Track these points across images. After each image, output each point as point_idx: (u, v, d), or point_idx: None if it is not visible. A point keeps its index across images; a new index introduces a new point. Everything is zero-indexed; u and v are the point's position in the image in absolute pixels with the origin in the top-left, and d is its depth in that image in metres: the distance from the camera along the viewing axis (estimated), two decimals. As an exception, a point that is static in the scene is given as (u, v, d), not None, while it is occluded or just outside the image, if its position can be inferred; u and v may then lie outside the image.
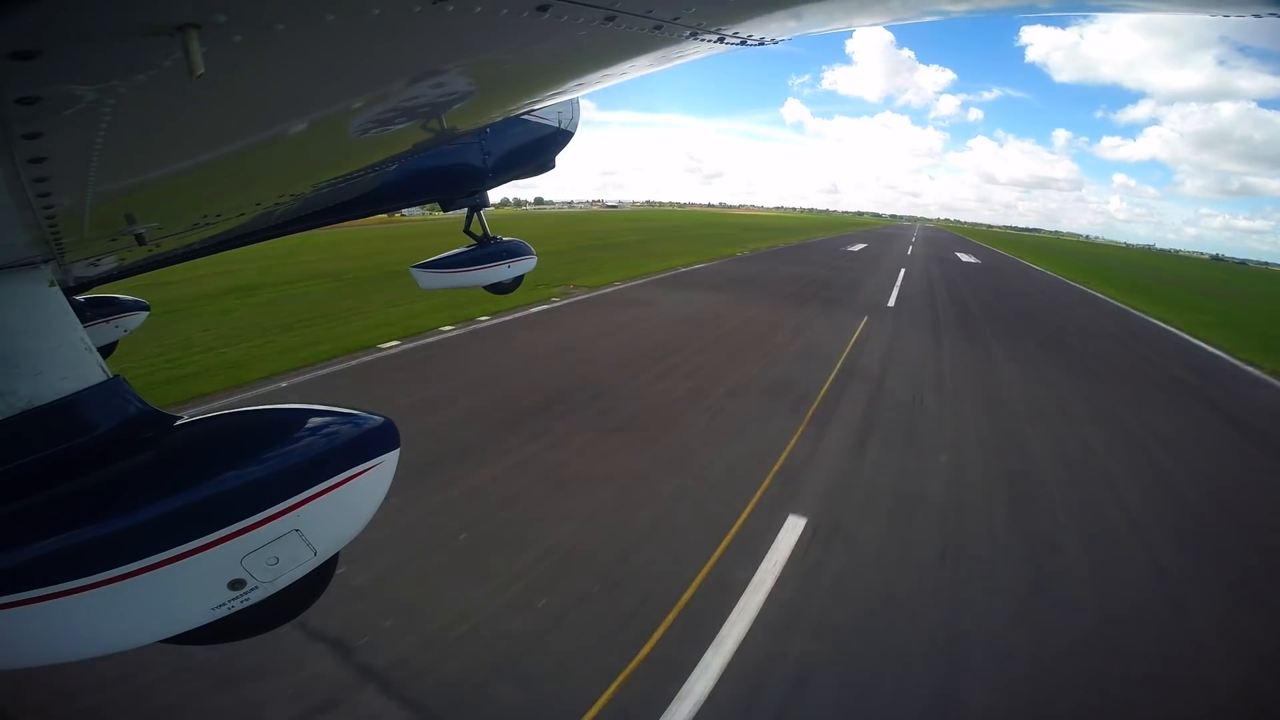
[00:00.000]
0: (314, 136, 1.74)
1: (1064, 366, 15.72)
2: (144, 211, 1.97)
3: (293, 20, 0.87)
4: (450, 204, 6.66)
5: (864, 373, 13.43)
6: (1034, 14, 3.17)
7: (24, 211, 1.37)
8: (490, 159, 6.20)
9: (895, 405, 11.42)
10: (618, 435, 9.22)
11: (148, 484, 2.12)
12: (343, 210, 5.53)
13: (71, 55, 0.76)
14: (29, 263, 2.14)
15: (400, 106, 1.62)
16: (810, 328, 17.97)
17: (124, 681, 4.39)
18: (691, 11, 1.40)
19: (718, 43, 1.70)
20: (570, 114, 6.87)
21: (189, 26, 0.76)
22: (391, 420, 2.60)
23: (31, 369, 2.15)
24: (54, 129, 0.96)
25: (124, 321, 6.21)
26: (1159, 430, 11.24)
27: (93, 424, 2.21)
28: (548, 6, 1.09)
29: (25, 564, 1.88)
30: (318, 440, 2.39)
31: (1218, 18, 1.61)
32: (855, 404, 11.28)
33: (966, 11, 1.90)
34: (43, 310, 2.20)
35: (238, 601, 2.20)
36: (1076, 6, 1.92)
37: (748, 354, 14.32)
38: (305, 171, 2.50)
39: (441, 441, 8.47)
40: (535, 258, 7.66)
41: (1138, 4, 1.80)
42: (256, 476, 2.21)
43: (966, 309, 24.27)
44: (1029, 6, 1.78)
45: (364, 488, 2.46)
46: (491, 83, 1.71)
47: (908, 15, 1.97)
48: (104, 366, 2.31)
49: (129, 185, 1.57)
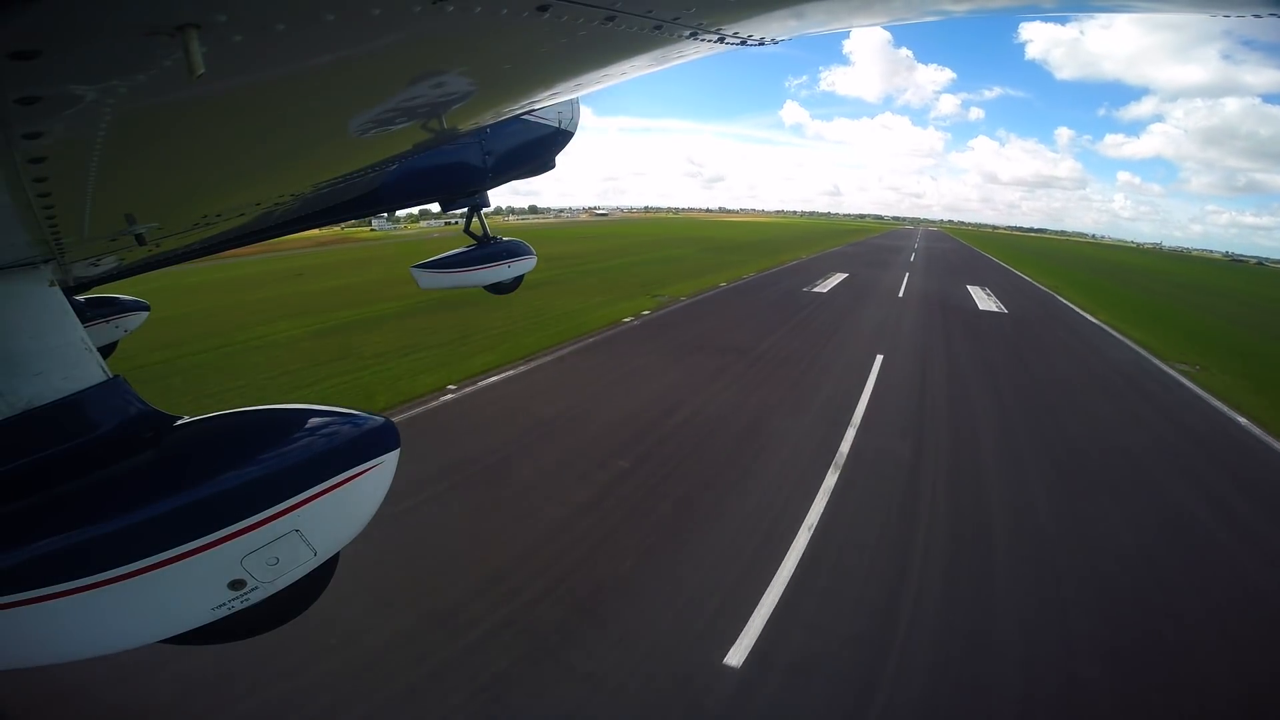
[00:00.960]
0: (314, 136, 1.74)
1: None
2: (144, 211, 1.97)
3: (293, 20, 0.87)
4: (450, 204, 6.66)
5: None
6: (1036, 13, 3.13)
7: (24, 211, 1.37)
8: (490, 159, 6.20)
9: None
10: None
11: (148, 484, 2.12)
12: (343, 210, 5.53)
13: (71, 55, 0.76)
14: (29, 263, 2.14)
15: (400, 106, 1.62)
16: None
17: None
18: (691, 11, 1.40)
19: (718, 43, 1.70)
20: (570, 114, 6.86)
21: (189, 26, 0.76)
22: (391, 421, 2.60)
23: (32, 369, 2.15)
24: (54, 129, 0.96)
25: (124, 321, 6.22)
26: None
27: (93, 424, 2.21)
28: (548, 6, 1.09)
29: (25, 564, 1.88)
30: (318, 441, 2.39)
31: (1218, 17, 1.61)
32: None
33: (968, 11, 1.90)
34: (43, 310, 2.20)
35: (238, 601, 2.20)
36: (1077, 6, 1.92)
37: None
38: (305, 171, 2.50)
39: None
40: (535, 257, 7.66)
41: (1138, 4, 1.80)
42: (256, 477, 2.21)
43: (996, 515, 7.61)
44: (1031, 6, 1.78)
45: (364, 488, 2.46)
46: (491, 83, 1.71)
47: (908, 15, 1.97)
48: (104, 366, 2.31)
49: (129, 185, 1.57)
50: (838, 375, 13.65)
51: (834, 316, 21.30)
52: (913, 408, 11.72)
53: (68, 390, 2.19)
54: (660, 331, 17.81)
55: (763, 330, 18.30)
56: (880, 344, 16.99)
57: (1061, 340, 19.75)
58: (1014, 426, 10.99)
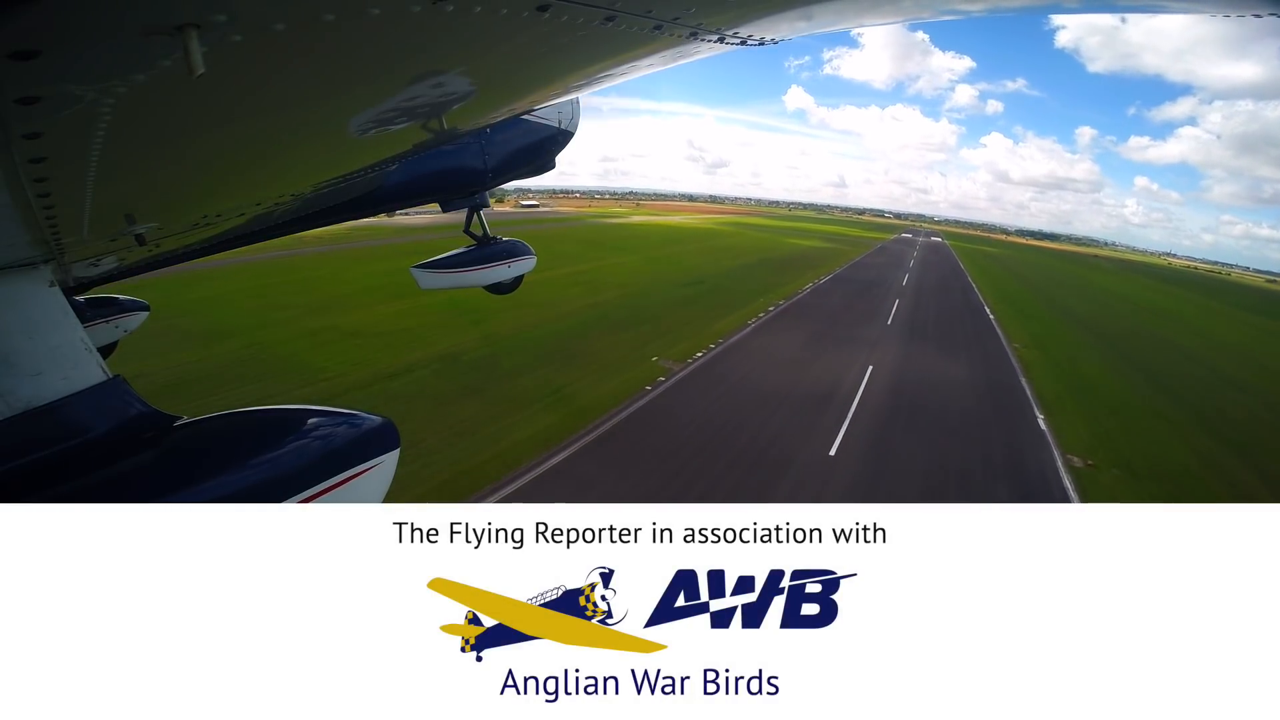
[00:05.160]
0: (314, 136, 1.74)
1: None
2: (144, 211, 1.97)
3: (293, 20, 0.87)
4: (450, 204, 6.66)
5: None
6: (1052, 13, 3.09)
7: (24, 211, 1.37)
8: (490, 159, 6.21)
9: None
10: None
11: (148, 484, 2.12)
12: (343, 210, 5.53)
13: (71, 55, 0.76)
14: (29, 263, 2.14)
15: (400, 106, 1.62)
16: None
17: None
18: (692, 12, 1.40)
19: (718, 43, 1.70)
20: (570, 114, 6.87)
21: (189, 26, 0.76)
22: (391, 421, 2.60)
23: (31, 369, 2.15)
24: (54, 129, 0.96)
25: (124, 321, 6.22)
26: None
27: (93, 424, 2.21)
28: (548, 6, 1.09)
29: None
30: (318, 440, 2.39)
31: (1218, 18, 1.61)
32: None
33: (985, 10, 1.88)
34: (43, 310, 2.21)
35: None
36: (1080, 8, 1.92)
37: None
38: (305, 171, 2.50)
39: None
40: (535, 257, 7.67)
41: (1139, 4, 1.80)
42: (256, 477, 2.21)
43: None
44: (1053, 6, 1.77)
45: (364, 488, 2.46)
46: (491, 83, 1.72)
47: (922, 14, 1.97)
48: (104, 367, 2.31)
49: (129, 185, 1.57)
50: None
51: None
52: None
53: (67, 390, 2.19)
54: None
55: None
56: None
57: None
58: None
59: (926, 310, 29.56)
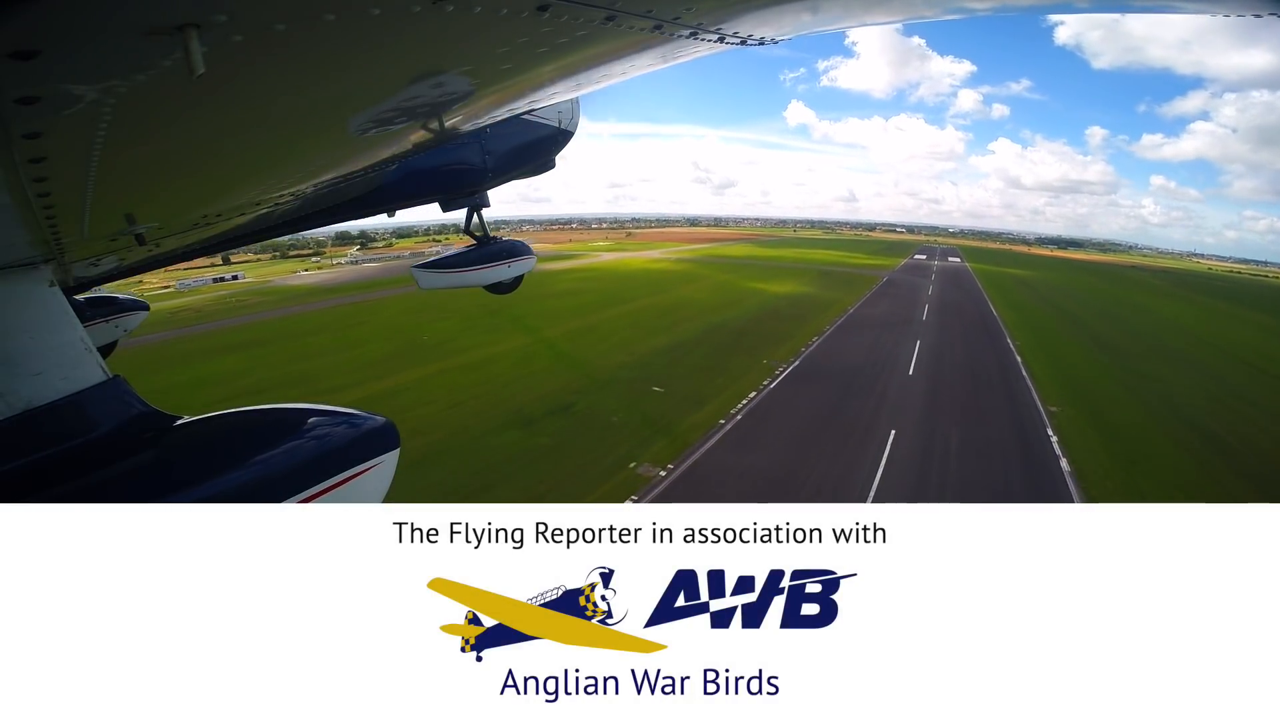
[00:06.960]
0: (314, 135, 1.74)
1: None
2: (144, 211, 1.97)
3: (293, 20, 0.87)
4: (450, 204, 6.66)
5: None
6: (1057, 13, 3.07)
7: (24, 211, 1.37)
8: (490, 158, 6.20)
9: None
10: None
11: (148, 484, 2.12)
12: (343, 210, 5.53)
13: (71, 55, 0.76)
14: (29, 263, 2.14)
15: (400, 106, 1.62)
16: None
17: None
18: (691, 11, 1.40)
19: (718, 42, 1.70)
20: (570, 114, 6.86)
21: (189, 26, 0.76)
22: (391, 421, 2.60)
23: (31, 369, 2.15)
24: (54, 129, 0.96)
25: (124, 321, 6.22)
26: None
27: (93, 424, 2.21)
28: (548, 6, 1.09)
29: None
30: (318, 440, 2.39)
31: (1218, 18, 1.61)
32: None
33: (992, 9, 1.87)
34: (43, 310, 2.21)
35: None
36: (1081, 7, 1.91)
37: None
38: (305, 171, 2.50)
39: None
40: (535, 257, 7.67)
41: (1139, 5, 1.80)
42: (256, 476, 2.21)
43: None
44: (1057, 5, 1.76)
45: (364, 487, 2.46)
46: (491, 83, 1.71)
47: (926, 12, 1.96)
48: (104, 366, 2.31)
49: (129, 185, 1.57)
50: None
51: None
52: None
53: (68, 390, 2.19)
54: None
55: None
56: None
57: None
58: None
59: (947, 475, 13.04)
